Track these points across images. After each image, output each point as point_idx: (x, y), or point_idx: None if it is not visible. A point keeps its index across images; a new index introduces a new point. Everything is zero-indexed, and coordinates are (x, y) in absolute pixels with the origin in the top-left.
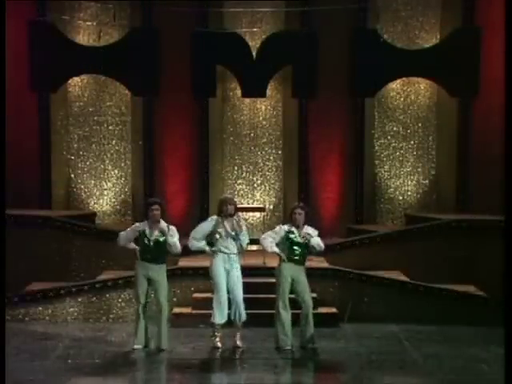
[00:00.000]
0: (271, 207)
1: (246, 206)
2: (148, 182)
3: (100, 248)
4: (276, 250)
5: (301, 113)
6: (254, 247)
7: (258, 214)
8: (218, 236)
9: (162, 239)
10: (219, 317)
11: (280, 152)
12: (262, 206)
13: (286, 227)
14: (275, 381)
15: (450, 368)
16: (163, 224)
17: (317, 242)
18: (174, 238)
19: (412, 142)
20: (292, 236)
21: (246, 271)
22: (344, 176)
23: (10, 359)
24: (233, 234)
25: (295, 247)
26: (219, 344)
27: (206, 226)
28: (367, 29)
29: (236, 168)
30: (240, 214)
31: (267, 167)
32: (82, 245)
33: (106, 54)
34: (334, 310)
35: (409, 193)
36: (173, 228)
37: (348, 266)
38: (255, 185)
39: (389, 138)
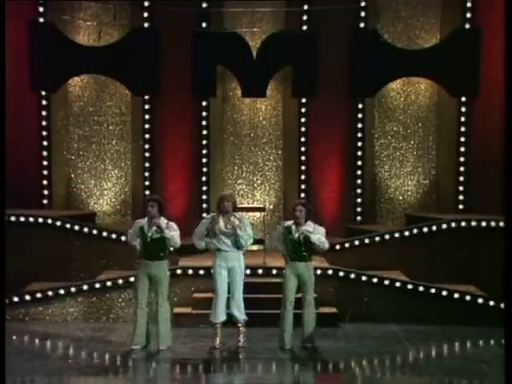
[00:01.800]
0: (271, 207)
1: (246, 205)
2: (148, 182)
3: (100, 248)
4: (280, 247)
5: (301, 113)
6: (255, 247)
7: (258, 214)
8: (213, 233)
9: (158, 235)
10: (215, 316)
11: (280, 152)
12: (262, 205)
13: (286, 223)
14: (275, 381)
15: (449, 368)
16: (162, 220)
17: (317, 238)
18: (171, 232)
19: (412, 142)
20: (289, 233)
21: (246, 271)
22: (344, 176)
23: (9, 359)
24: (226, 230)
25: (295, 245)
26: (219, 344)
27: (201, 226)
28: (367, 29)
29: (236, 168)
30: (241, 213)
31: (267, 167)
32: (81, 245)
33: (106, 53)
34: (334, 310)
35: (409, 193)
36: (172, 224)
37: (348, 266)
38: (255, 185)
39: (389, 137)
